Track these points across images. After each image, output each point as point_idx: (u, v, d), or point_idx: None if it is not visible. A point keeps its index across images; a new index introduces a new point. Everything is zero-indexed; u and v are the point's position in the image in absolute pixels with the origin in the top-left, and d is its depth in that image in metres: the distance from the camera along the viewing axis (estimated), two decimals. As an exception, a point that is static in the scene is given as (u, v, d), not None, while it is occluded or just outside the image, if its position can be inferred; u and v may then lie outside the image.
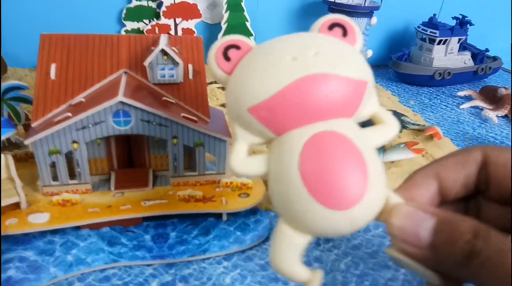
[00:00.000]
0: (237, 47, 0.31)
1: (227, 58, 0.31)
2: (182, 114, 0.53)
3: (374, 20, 1.02)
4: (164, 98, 0.54)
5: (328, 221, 0.25)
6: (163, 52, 0.53)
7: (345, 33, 0.31)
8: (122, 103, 0.49)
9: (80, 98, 0.52)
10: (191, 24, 1.04)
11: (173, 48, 0.54)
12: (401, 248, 0.24)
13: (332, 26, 0.32)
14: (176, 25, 1.03)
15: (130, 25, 1.02)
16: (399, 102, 1.02)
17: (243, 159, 0.28)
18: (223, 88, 0.98)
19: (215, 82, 0.98)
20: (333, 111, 0.27)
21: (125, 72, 0.55)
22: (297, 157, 0.25)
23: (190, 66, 0.57)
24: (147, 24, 1.02)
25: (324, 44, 0.29)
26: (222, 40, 0.31)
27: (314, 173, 0.25)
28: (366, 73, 0.29)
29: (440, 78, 1.10)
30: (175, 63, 0.54)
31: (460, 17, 1.12)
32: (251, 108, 0.27)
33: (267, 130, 0.27)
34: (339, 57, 0.28)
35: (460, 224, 0.22)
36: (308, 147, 0.26)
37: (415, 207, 0.24)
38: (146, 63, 0.53)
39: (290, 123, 0.27)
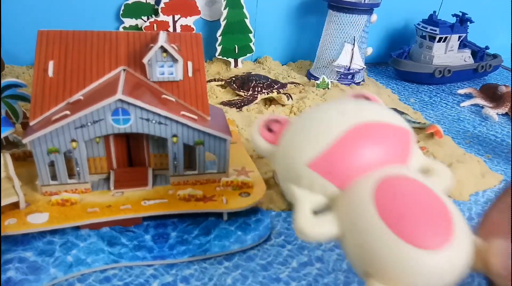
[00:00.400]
0: (277, 121, 0.34)
1: (270, 130, 0.33)
2: (182, 112, 0.52)
3: (374, 17, 1.02)
4: (163, 96, 0.54)
5: (422, 263, 0.23)
6: (163, 49, 0.52)
7: (368, 99, 0.35)
8: (121, 101, 0.48)
9: (78, 96, 0.52)
10: (189, 21, 1.03)
11: (173, 45, 0.54)
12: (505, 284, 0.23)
13: (356, 97, 0.35)
14: (174, 22, 1.02)
15: (128, 21, 1.01)
16: (399, 100, 1.01)
17: (311, 220, 0.27)
18: (222, 86, 0.98)
19: (215, 80, 0.98)
20: (389, 157, 0.27)
21: (124, 70, 0.54)
22: (371, 203, 0.25)
23: (189, 64, 0.56)
24: (145, 21, 1.01)
25: (362, 102, 0.32)
26: (263, 117, 0.35)
27: (395, 214, 0.24)
28: (405, 123, 0.31)
29: (440, 75, 1.10)
30: (175, 60, 0.53)
31: (460, 14, 1.12)
32: (311, 164, 0.27)
33: (330, 184, 0.27)
34: (379, 109, 0.30)
35: None
36: (381, 191, 0.25)
37: None
38: (145, 60, 0.52)
39: (351, 172, 0.27)
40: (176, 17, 1.01)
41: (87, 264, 0.47)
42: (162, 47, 0.52)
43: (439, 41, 1.08)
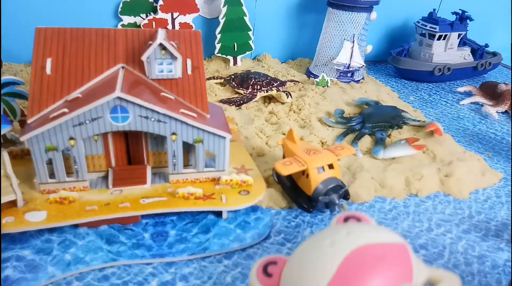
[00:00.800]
0: (274, 263, 0.34)
1: (268, 275, 0.34)
2: (181, 110, 0.52)
3: (373, 15, 1.01)
4: (162, 93, 0.53)
5: None
6: (162, 46, 0.52)
7: (359, 220, 0.36)
8: (119, 98, 0.48)
9: (76, 93, 0.51)
10: (188, 18, 1.02)
11: (172, 42, 0.53)
12: None
13: (346, 219, 0.37)
14: (173, 19, 1.01)
15: (127, 19, 1.01)
16: (399, 97, 1.01)
17: None
18: (221, 84, 0.97)
19: (214, 78, 0.97)
20: (392, 280, 0.28)
21: (123, 67, 0.54)
22: None
23: (188, 61, 0.56)
24: (144, 19, 1.00)
25: (351, 225, 0.33)
26: (259, 262, 0.35)
27: None
28: (399, 238, 0.31)
29: (439, 73, 1.10)
30: (174, 58, 0.53)
31: (460, 12, 1.11)
32: None
33: None
34: (368, 229, 0.31)
35: None
36: None
37: None
38: (144, 57, 0.52)
39: None
40: (175, 14, 1.01)
41: (85, 262, 0.46)
42: (161, 44, 0.52)
43: (438, 39, 1.08)
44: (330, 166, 0.56)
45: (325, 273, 0.28)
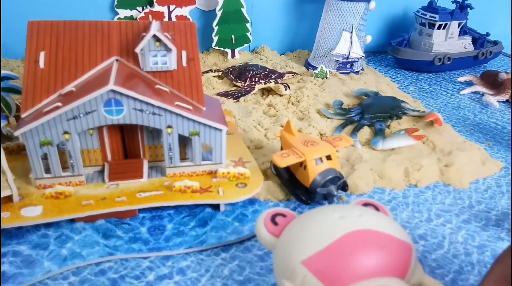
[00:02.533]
0: (283, 215, 0.35)
1: (275, 223, 0.35)
2: (176, 103, 0.51)
3: (372, 4, 1.00)
4: (157, 86, 0.53)
5: None
6: (155, 38, 0.51)
7: (377, 210, 0.36)
8: (113, 91, 0.47)
9: (70, 87, 0.51)
10: (185, 11, 1.01)
11: (166, 34, 0.53)
12: None
13: (365, 205, 0.37)
14: (170, 12, 1.00)
15: (123, 13, 1.00)
16: (399, 88, 1.00)
17: None
18: (219, 77, 0.96)
19: (211, 71, 0.96)
20: (385, 269, 0.28)
21: (117, 60, 0.53)
22: None
23: (183, 53, 0.55)
24: (140, 12, 0.99)
25: (367, 210, 0.33)
26: (270, 209, 0.36)
27: None
28: (408, 238, 0.31)
29: (440, 63, 1.08)
30: (168, 50, 0.52)
31: (460, 0, 1.10)
32: (305, 261, 0.28)
33: (321, 284, 0.28)
34: (382, 219, 0.32)
35: None
36: None
37: None
38: (137, 49, 0.51)
39: (342, 277, 0.27)
40: (171, 7, 1.00)
41: (82, 257, 0.46)
42: (155, 36, 0.51)
43: (438, 28, 1.06)
44: (328, 158, 0.56)
45: (326, 238, 0.29)
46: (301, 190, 0.57)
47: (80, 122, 0.49)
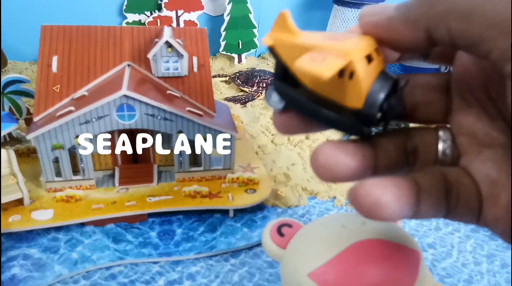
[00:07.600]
0: (289, 225, 0.35)
1: (281, 234, 0.34)
2: (187, 108, 0.52)
3: (379, 11, 1.00)
4: (168, 91, 0.53)
5: None
6: (168, 44, 0.51)
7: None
8: (126, 96, 0.47)
9: (83, 91, 0.51)
10: (193, 16, 1.02)
11: (178, 40, 0.53)
12: None
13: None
14: (178, 17, 1.01)
15: (132, 17, 1.00)
16: (405, 95, 1.00)
17: None
18: (227, 82, 0.97)
19: (219, 75, 0.97)
20: (391, 279, 0.28)
21: (129, 65, 0.54)
22: None
23: (194, 59, 0.56)
24: (148, 16, 1.00)
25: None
26: (276, 220, 0.36)
27: None
28: (415, 245, 0.30)
29: (446, 71, 1.09)
30: (180, 56, 0.53)
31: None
32: (311, 274, 0.28)
33: None
34: (386, 226, 0.31)
35: None
36: None
37: None
38: (150, 55, 0.52)
39: None
40: (180, 12, 1.00)
41: (92, 261, 0.46)
42: (167, 42, 0.51)
43: (445, 36, 1.07)
44: (369, 58, 0.24)
45: (331, 251, 0.29)
46: (343, 117, 0.25)
47: (92, 126, 0.49)
